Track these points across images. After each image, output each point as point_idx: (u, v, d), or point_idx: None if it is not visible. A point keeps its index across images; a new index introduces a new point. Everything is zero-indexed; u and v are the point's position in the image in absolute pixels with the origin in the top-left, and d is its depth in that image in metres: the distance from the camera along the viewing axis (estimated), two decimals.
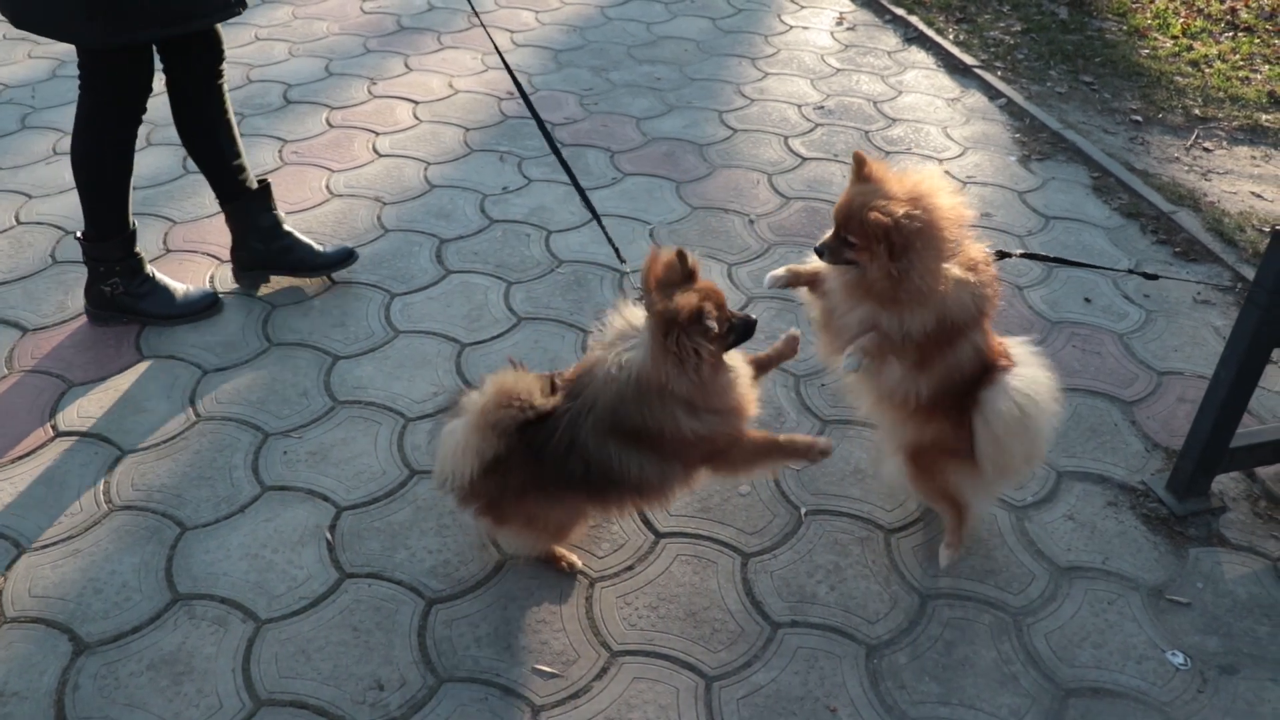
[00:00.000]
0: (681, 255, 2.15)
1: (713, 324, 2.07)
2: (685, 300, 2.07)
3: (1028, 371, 2.35)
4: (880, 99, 5.02)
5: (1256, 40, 5.78)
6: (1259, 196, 4.31)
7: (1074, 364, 3.26)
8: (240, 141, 3.31)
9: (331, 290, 3.48)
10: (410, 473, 2.79)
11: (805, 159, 4.46)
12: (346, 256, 3.48)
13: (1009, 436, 2.32)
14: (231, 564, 2.51)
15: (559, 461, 2.21)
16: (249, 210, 3.35)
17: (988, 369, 2.34)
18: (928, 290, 2.20)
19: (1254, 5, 6.28)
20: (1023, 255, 2.78)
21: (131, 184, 3.16)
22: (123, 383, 3.06)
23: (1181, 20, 6.01)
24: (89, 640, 2.31)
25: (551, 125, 4.61)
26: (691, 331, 2.06)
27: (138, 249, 3.26)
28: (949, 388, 2.35)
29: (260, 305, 3.41)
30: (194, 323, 3.30)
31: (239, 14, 3.01)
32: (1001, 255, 2.49)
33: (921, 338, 2.27)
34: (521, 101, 3.42)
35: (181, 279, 3.45)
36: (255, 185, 3.36)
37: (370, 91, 4.91)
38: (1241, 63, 5.50)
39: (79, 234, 3.21)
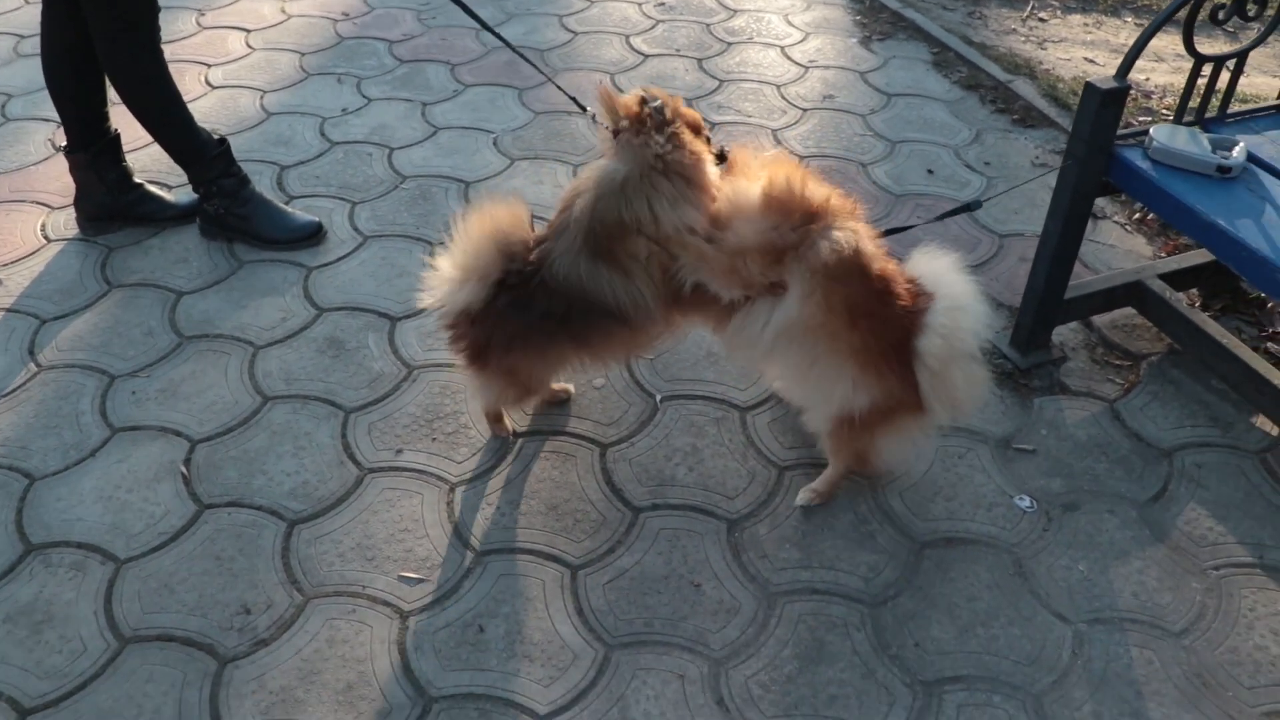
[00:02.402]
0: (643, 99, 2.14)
1: (657, 106, 2.09)
2: (627, 99, 2.12)
3: (952, 301, 2.19)
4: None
5: None
6: (1091, 61, 4.44)
7: (919, 234, 3.36)
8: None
9: (170, 227, 3.39)
10: (263, 399, 2.77)
11: (648, 56, 4.45)
12: (194, 209, 3.39)
13: (952, 383, 2.22)
14: (85, 509, 2.47)
15: (542, 308, 2.24)
16: (102, 160, 3.23)
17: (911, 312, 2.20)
18: None
19: None
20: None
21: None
22: None
23: None
24: None
25: (387, 44, 4.50)
26: (646, 122, 2.09)
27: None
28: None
29: (97, 249, 3.30)
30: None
31: None
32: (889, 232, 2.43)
33: None
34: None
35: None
36: (110, 135, 3.25)
37: (199, 23, 4.71)
38: None
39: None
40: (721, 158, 2.29)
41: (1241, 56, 2.69)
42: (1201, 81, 2.67)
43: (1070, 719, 2.09)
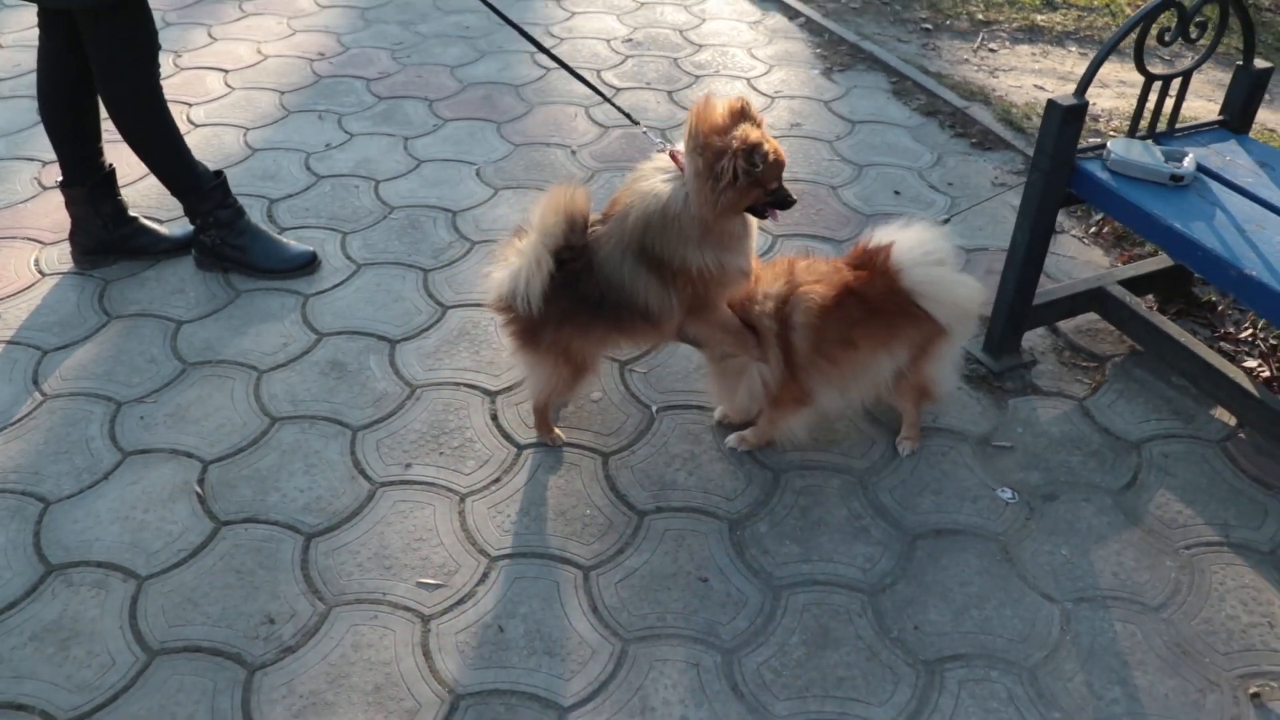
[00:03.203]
0: (744, 105, 2.32)
1: (762, 158, 2.24)
2: (748, 131, 2.26)
3: (907, 239, 2.56)
4: (685, 28, 5.20)
5: None
6: (1041, 88, 4.68)
7: None
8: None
9: (165, 260, 3.46)
10: (271, 420, 2.84)
11: (620, 89, 4.61)
12: (189, 241, 3.47)
13: (948, 286, 2.56)
14: (103, 529, 2.52)
15: (589, 287, 2.43)
16: (97, 194, 3.30)
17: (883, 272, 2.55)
18: None
19: None
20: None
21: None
22: None
23: None
24: None
25: (365, 82, 4.62)
26: (741, 158, 2.23)
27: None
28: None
29: (93, 282, 3.36)
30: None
31: None
32: None
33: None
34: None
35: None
36: (106, 170, 3.32)
37: (176, 64, 4.79)
38: None
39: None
40: (783, 200, 2.44)
41: (1186, 76, 2.89)
42: (1151, 100, 2.88)
43: (1063, 689, 2.22)
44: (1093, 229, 3.69)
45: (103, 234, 3.35)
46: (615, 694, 2.19)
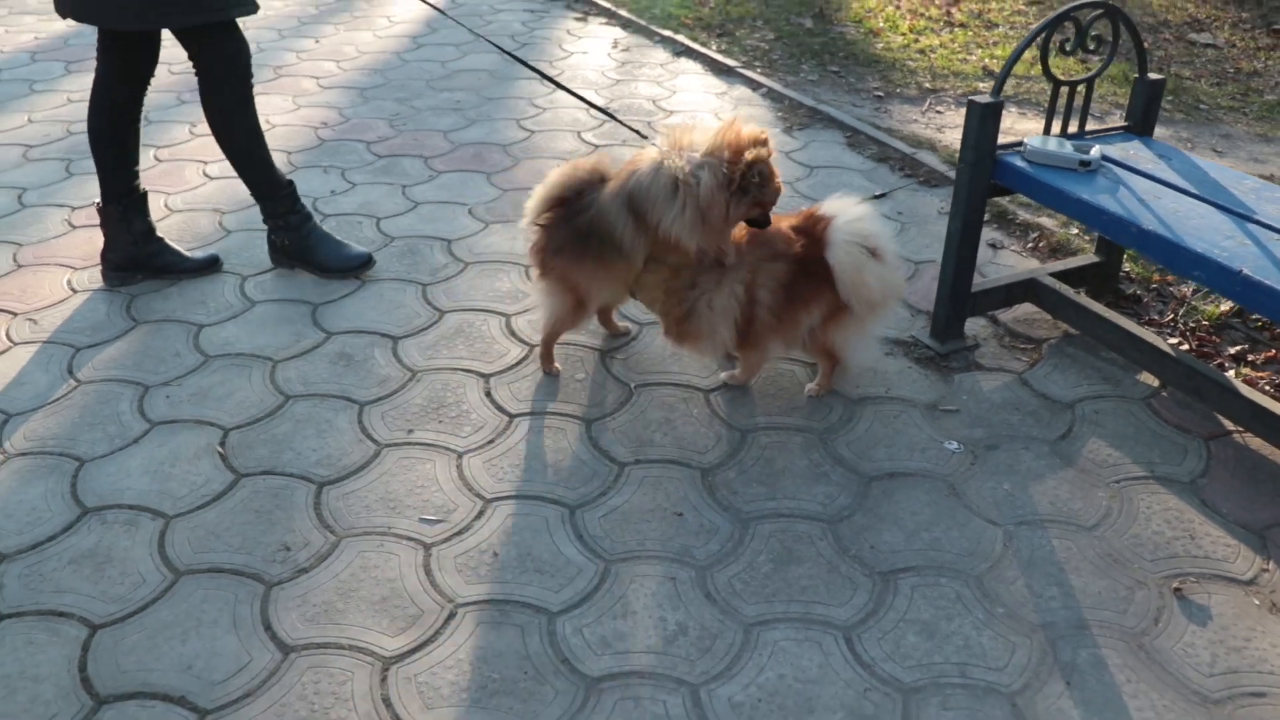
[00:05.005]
0: (766, 137, 2.89)
1: (766, 178, 2.82)
2: (762, 153, 2.81)
3: (845, 216, 2.93)
4: (658, 98, 5.67)
5: (969, 33, 6.76)
6: None
7: None
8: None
9: (187, 279, 3.80)
10: (285, 398, 3.13)
11: (598, 146, 5.04)
12: (212, 262, 3.84)
13: (859, 273, 2.89)
14: (133, 480, 2.78)
15: (584, 222, 2.93)
16: (131, 213, 3.67)
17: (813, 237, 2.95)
18: None
19: (964, 8, 7.31)
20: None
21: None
22: None
23: (908, 22, 6.97)
24: (6, 552, 2.55)
25: (365, 144, 5.05)
26: (755, 173, 2.79)
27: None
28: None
29: (121, 296, 3.69)
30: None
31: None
32: None
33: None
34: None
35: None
36: (140, 192, 3.72)
37: (191, 132, 5.20)
38: (959, 49, 6.45)
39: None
40: (761, 223, 2.97)
41: (1089, 82, 3.30)
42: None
43: (1006, 590, 2.46)
44: (1030, 245, 4.06)
45: (132, 249, 3.68)
46: (600, 601, 2.43)
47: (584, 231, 2.94)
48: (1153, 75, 3.35)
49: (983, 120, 3.07)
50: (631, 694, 2.20)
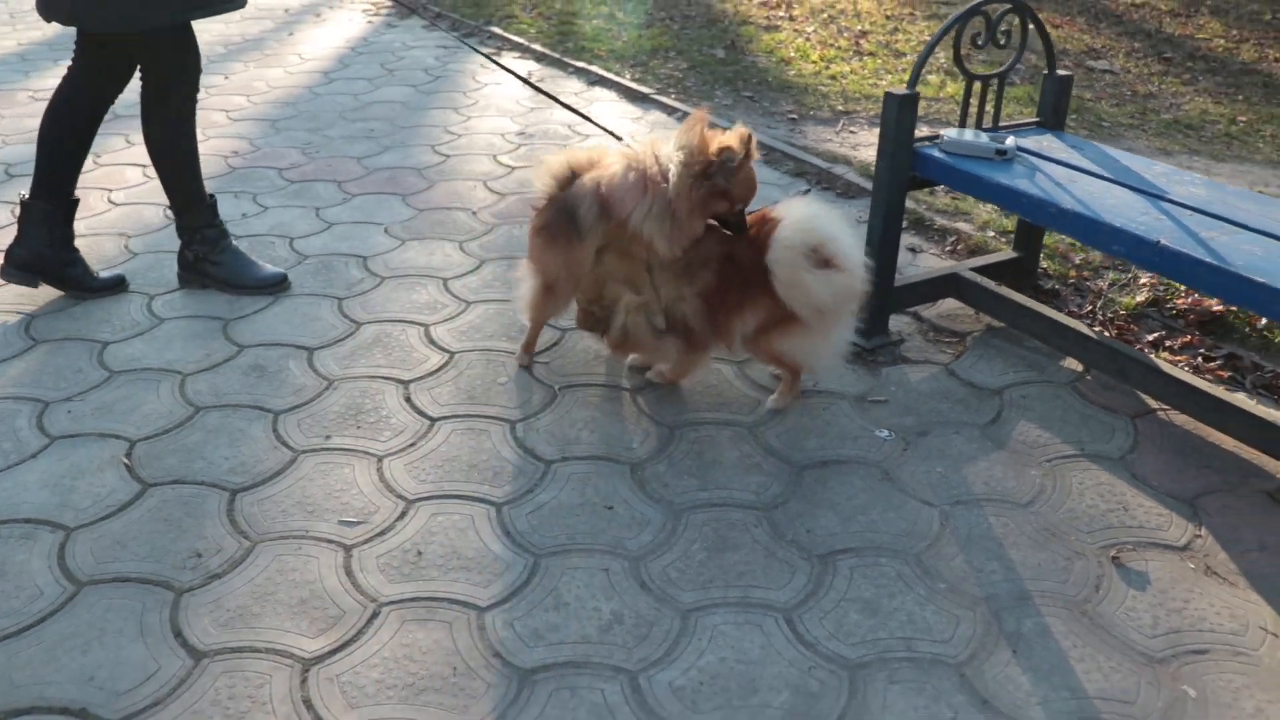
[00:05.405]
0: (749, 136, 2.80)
1: (732, 163, 2.75)
2: (730, 139, 2.77)
3: (790, 219, 2.81)
4: (574, 123, 5.65)
5: (878, 60, 6.91)
6: None
7: None
8: None
9: (91, 298, 3.64)
10: (196, 409, 2.99)
11: (513, 168, 4.99)
12: (118, 282, 3.70)
13: (798, 278, 2.75)
14: (30, 494, 2.62)
15: (556, 209, 2.92)
16: (56, 216, 3.54)
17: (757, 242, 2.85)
18: None
19: (872, 39, 7.48)
20: None
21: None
22: None
23: (818, 52, 7.10)
24: None
25: (277, 170, 4.93)
26: (717, 160, 2.75)
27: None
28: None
29: (18, 317, 3.52)
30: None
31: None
32: None
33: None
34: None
35: None
36: (74, 199, 3.62)
37: (95, 162, 5.01)
38: (870, 74, 6.58)
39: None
40: (735, 225, 2.91)
41: (1001, 78, 3.35)
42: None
43: (946, 566, 2.42)
44: (948, 249, 4.09)
45: (45, 251, 3.52)
46: (530, 595, 2.33)
47: (559, 214, 2.91)
48: (1061, 72, 3.42)
49: (900, 111, 3.10)
50: (567, 684, 2.10)
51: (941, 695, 2.09)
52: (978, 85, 3.32)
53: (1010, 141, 3.16)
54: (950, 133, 3.21)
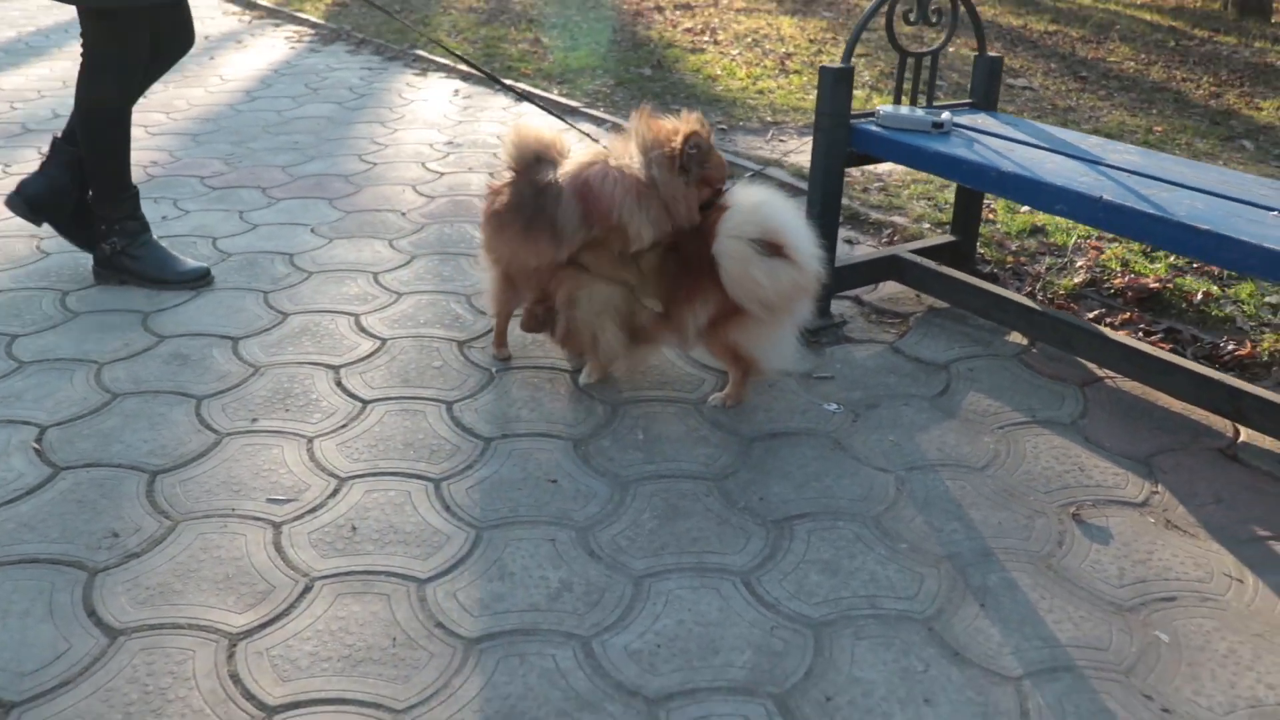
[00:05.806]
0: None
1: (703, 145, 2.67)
2: (687, 122, 2.69)
3: (737, 206, 2.67)
4: (502, 135, 5.58)
5: (804, 78, 6.97)
6: None
7: None
8: None
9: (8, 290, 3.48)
10: (113, 395, 2.82)
11: (443, 174, 4.90)
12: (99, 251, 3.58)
13: (744, 269, 2.61)
14: None
15: (523, 195, 2.74)
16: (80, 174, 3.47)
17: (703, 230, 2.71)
18: None
19: (797, 60, 7.56)
20: None
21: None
22: None
23: (745, 70, 7.13)
24: None
25: (199, 179, 4.77)
26: (689, 146, 2.65)
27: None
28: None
29: None
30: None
31: None
32: None
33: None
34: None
35: None
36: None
37: (5, 171, 4.82)
38: (797, 89, 6.62)
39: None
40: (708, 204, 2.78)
41: (935, 55, 3.36)
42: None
43: (906, 527, 2.35)
44: (885, 240, 4.08)
45: (59, 194, 3.44)
46: (474, 566, 2.21)
47: (525, 203, 2.74)
48: (991, 54, 3.44)
49: (836, 83, 3.07)
50: (516, 650, 1.98)
51: (911, 649, 2.00)
52: (911, 62, 3.32)
53: (946, 115, 3.16)
54: (885, 107, 3.20)
